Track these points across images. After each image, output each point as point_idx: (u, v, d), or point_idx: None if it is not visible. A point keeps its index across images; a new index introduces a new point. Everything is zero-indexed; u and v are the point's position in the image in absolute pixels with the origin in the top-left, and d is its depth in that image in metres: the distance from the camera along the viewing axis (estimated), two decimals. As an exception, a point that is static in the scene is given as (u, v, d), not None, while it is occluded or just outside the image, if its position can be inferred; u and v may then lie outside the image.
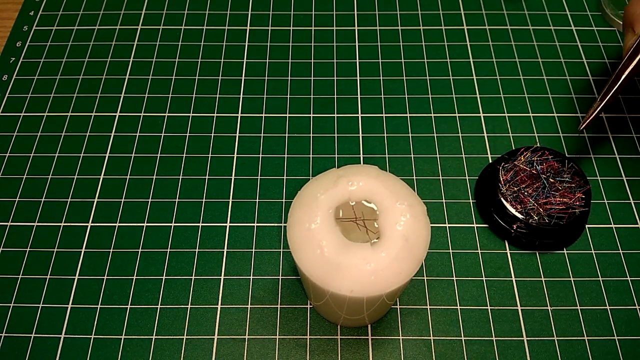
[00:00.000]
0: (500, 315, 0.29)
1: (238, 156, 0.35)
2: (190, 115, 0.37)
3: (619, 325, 0.29)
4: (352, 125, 0.37)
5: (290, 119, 0.37)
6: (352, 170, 0.24)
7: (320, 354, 0.29)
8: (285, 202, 0.33)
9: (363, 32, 0.41)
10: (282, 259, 0.31)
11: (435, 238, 0.32)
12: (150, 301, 0.30)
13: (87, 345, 0.29)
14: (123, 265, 0.31)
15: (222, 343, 0.29)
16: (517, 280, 0.31)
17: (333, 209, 0.23)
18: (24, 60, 0.40)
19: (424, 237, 0.22)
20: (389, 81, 0.39)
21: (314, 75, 0.39)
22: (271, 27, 0.42)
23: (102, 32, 0.42)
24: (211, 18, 0.42)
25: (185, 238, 0.32)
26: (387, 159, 0.35)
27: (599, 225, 0.32)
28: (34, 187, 0.34)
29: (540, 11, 0.42)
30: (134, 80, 0.39)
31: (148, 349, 0.29)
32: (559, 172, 0.32)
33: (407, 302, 0.30)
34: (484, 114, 0.37)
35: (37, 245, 0.32)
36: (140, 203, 0.33)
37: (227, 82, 0.39)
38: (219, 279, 0.31)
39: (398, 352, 0.28)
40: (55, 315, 0.30)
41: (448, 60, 0.40)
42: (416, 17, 0.42)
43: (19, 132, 0.37)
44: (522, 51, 0.40)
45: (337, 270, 0.21)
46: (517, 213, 0.30)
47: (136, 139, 0.36)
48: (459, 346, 0.29)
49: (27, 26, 0.42)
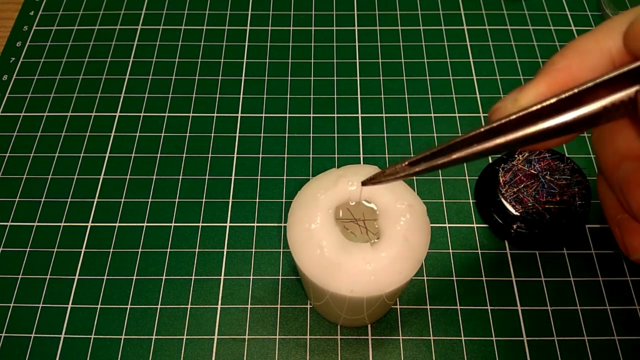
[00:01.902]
0: (500, 315, 0.29)
1: (238, 156, 0.35)
2: (190, 115, 0.37)
3: (618, 325, 0.29)
4: (352, 125, 0.37)
5: (290, 119, 0.37)
6: (352, 170, 0.24)
7: (320, 354, 0.29)
8: (285, 202, 0.33)
9: (363, 32, 0.41)
10: (282, 259, 0.31)
11: (435, 238, 0.32)
12: (150, 301, 0.30)
13: (87, 345, 0.29)
14: (123, 265, 0.31)
15: (222, 343, 0.29)
16: (517, 280, 0.31)
17: (333, 209, 0.23)
18: (24, 60, 0.40)
19: (424, 237, 0.22)
20: (389, 81, 0.39)
21: (314, 75, 0.39)
22: (271, 27, 0.42)
23: (102, 32, 0.42)
24: (211, 18, 0.42)
25: (185, 238, 0.32)
26: (387, 159, 0.35)
27: (599, 225, 0.32)
28: (34, 187, 0.34)
29: (540, 11, 0.42)
30: (134, 80, 0.39)
31: (148, 349, 0.29)
32: (558, 169, 0.32)
33: (407, 302, 0.30)
34: (483, 114, 0.37)
35: (37, 245, 0.32)
36: (140, 203, 0.33)
37: (227, 82, 0.39)
38: (219, 279, 0.31)
39: (398, 352, 0.28)
40: (55, 315, 0.30)
41: (448, 60, 0.40)
42: (416, 17, 0.42)
43: (19, 132, 0.37)
44: (522, 51, 0.40)
45: (337, 270, 0.21)
46: (517, 213, 0.30)
47: (136, 139, 0.36)
48: (459, 346, 0.29)
49: (27, 26, 0.42)
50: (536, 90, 0.17)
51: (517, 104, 0.17)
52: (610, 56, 0.17)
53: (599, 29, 0.17)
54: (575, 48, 0.17)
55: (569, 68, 0.17)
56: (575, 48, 0.18)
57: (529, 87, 0.17)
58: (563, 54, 0.18)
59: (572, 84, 0.16)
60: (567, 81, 0.17)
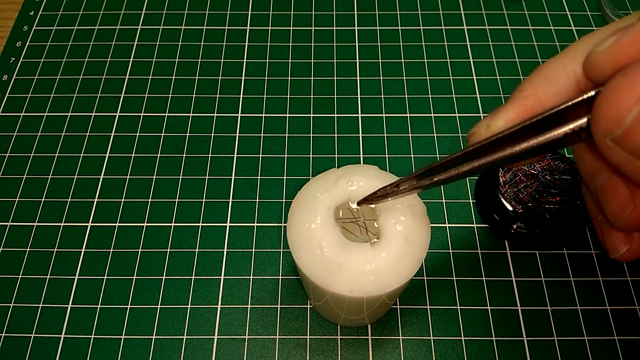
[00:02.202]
0: (500, 315, 0.29)
1: (238, 156, 0.35)
2: (190, 115, 0.37)
3: (618, 326, 0.29)
4: (352, 125, 0.37)
5: (290, 119, 0.37)
6: (352, 170, 0.24)
7: (320, 354, 0.29)
8: (285, 202, 0.33)
9: (363, 32, 0.41)
10: (282, 259, 0.31)
11: (435, 238, 0.32)
12: (150, 301, 0.30)
13: (87, 345, 0.29)
14: (123, 265, 0.31)
15: (222, 343, 0.29)
16: (517, 280, 0.31)
17: (333, 209, 0.23)
18: (24, 60, 0.40)
19: (424, 237, 0.22)
20: (389, 81, 0.39)
21: (314, 75, 0.39)
22: (271, 27, 0.42)
23: (102, 32, 0.42)
24: (211, 18, 0.42)
25: (185, 238, 0.32)
26: (387, 159, 0.35)
27: (599, 225, 0.32)
28: (34, 187, 0.34)
29: (540, 11, 0.42)
30: (134, 80, 0.39)
31: (148, 349, 0.29)
32: (558, 169, 0.32)
33: (407, 302, 0.30)
34: (483, 114, 0.37)
35: (37, 245, 0.32)
36: (140, 203, 0.33)
37: (227, 82, 0.39)
38: (219, 279, 0.31)
39: (398, 352, 0.28)
40: (55, 315, 0.30)
41: (448, 60, 0.40)
42: (416, 17, 0.42)
43: (19, 132, 0.37)
44: (522, 51, 0.40)
45: (337, 270, 0.21)
46: (517, 213, 0.30)
47: (136, 139, 0.36)
48: (459, 346, 0.29)
49: (27, 26, 0.42)
50: (505, 117, 0.19)
51: (489, 129, 0.19)
52: (576, 79, 0.18)
53: (565, 52, 0.18)
54: (542, 74, 0.19)
55: (535, 95, 0.18)
56: (541, 74, 0.19)
57: (499, 114, 0.19)
58: (530, 80, 0.19)
59: (539, 108, 0.18)
60: (535, 106, 0.18)
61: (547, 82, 0.18)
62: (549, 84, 0.18)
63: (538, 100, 0.18)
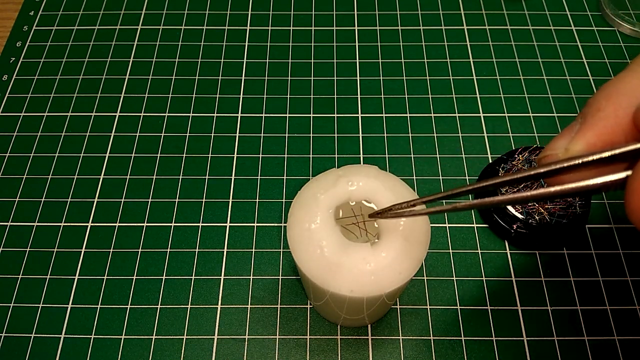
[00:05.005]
0: (500, 315, 0.29)
1: (238, 156, 0.35)
2: (190, 115, 0.37)
3: (618, 326, 0.29)
4: (352, 125, 0.37)
5: (290, 119, 0.37)
6: (352, 170, 0.24)
7: (320, 354, 0.29)
8: (285, 202, 0.33)
9: (363, 32, 0.41)
10: (282, 259, 0.31)
11: (435, 238, 0.32)
12: (150, 301, 0.30)
13: (87, 345, 0.29)
14: (123, 265, 0.31)
15: (222, 343, 0.29)
16: (517, 280, 0.31)
17: (333, 209, 0.23)
18: (24, 60, 0.40)
19: (424, 237, 0.22)
20: (389, 81, 0.39)
21: (314, 75, 0.39)
22: (271, 27, 0.42)
23: (102, 32, 0.42)
24: (211, 18, 0.42)
25: (185, 238, 0.32)
26: (387, 159, 0.35)
27: (599, 225, 0.32)
28: (34, 187, 0.34)
29: (540, 11, 0.42)
30: (134, 80, 0.39)
31: (148, 349, 0.29)
32: (559, 172, 0.32)
33: (407, 302, 0.30)
34: (484, 114, 0.37)
35: (37, 245, 0.32)
36: (140, 203, 0.33)
37: (227, 82, 0.39)
38: (219, 279, 0.31)
39: (398, 352, 0.28)
40: (55, 315, 0.30)
41: (448, 60, 0.40)
42: (416, 17, 0.42)
43: (19, 132, 0.37)
44: (522, 51, 0.40)
45: (337, 270, 0.21)
46: (517, 213, 0.30)
47: (136, 139, 0.36)
48: (459, 346, 0.29)
49: (27, 26, 0.42)
50: (585, 141, 0.16)
51: (568, 153, 0.17)
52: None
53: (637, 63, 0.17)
54: (620, 89, 0.16)
55: (616, 115, 0.16)
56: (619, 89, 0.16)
57: (578, 137, 0.16)
58: (608, 96, 0.16)
59: (620, 133, 0.16)
60: (615, 129, 0.16)
61: (628, 99, 0.16)
62: (629, 102, 0.16)
63: (619, 123, 0.16)
